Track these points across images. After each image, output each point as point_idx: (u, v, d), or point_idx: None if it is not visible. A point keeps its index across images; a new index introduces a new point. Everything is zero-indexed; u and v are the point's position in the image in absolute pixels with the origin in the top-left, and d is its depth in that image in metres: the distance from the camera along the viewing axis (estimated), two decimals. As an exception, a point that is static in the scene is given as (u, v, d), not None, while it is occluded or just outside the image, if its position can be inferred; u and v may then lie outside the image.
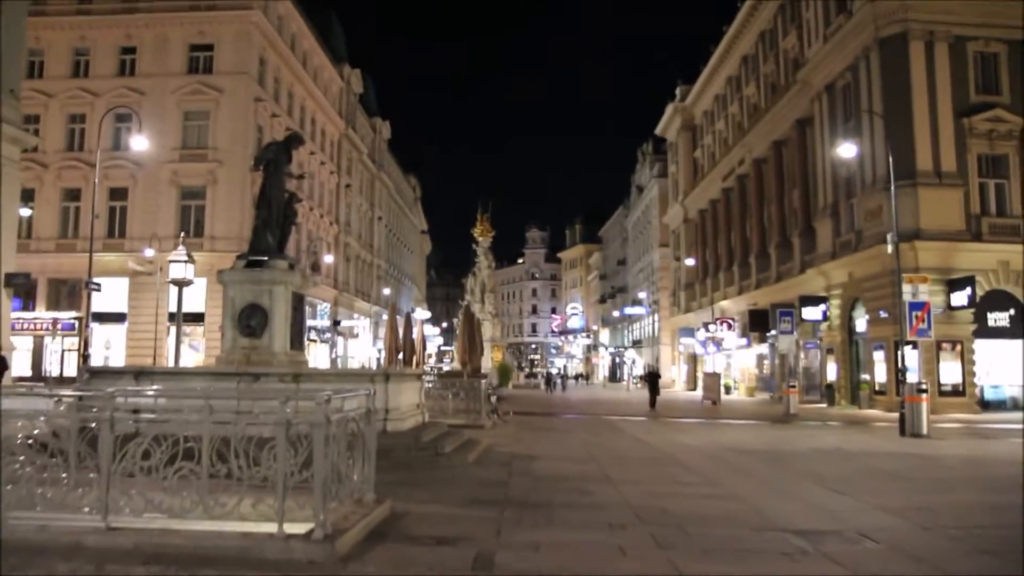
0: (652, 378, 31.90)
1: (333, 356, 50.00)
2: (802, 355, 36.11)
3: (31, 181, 35.66)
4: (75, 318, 30.95)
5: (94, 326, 35.19)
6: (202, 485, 6.41)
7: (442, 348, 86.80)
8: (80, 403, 6.80)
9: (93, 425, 6.52)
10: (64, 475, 6.57)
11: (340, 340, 52.95)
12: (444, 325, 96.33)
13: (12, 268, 21.40)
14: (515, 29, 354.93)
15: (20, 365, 31.37)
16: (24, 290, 25.15)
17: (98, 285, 22.86)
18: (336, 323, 50.95)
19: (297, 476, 6.43)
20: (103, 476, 6.38)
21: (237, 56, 37.57)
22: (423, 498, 9.30)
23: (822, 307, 32.47)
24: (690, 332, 54.39)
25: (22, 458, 6.54)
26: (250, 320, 13.38)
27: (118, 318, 35.43)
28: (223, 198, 35.16)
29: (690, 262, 54.46)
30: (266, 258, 13.79)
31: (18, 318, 32.56)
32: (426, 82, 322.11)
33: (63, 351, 33.47)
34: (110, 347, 34.82)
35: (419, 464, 11.65)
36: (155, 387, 10.78)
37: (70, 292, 33.38)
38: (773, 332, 35.35)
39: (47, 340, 33.96)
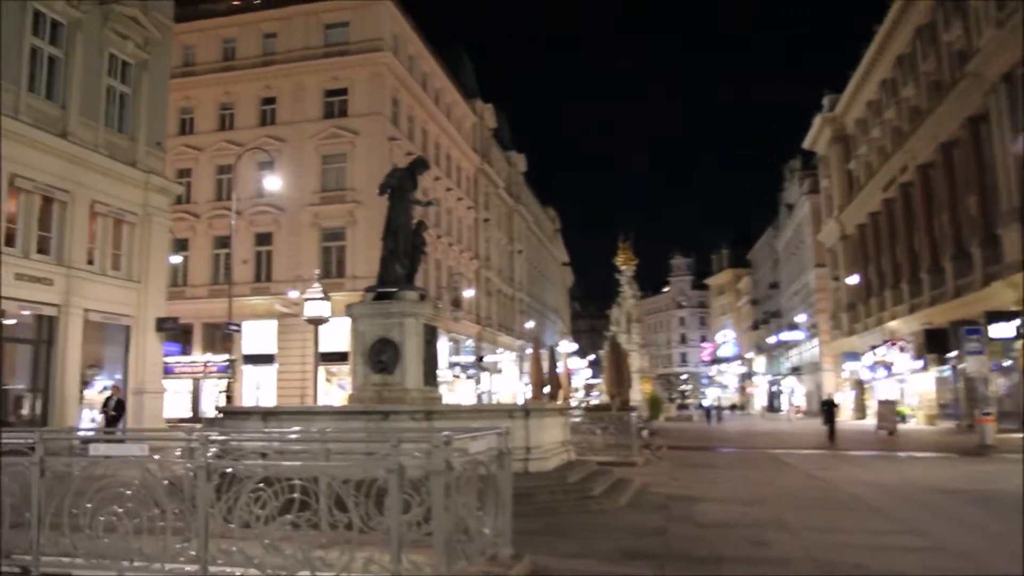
0: (829, 407, 29.05)
1: (478, 392, 49.61)
2: (991, 378, 32.22)
3: (185, 231, 37.50)
4: (228, 360, 31.92)
5: (246, 367, 36.27)
6: (308, 538, 5.54)
7: (589, 382, 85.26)
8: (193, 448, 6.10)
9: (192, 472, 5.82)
10: (180, 523, 5.91)
11: (485, 375, 52.61)
12: (590, 358, 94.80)
13: (163, 313, 22.06)
14: (651, 51, 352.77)
15: (180, 407, 32.56)
16: (175, 335, 26.02)
17: (238, 327, 23.19)
18: (480, 358, 50.64)
19: (420, 529, 5.48)
20: (201, 528, 5.65)
21: (370, 98, 38.25)
22: (569, 551, 8.08)
23: (1015, 323, 28.77)
24: (855, 356, 50.47)
25: (120, 509, 5.89)
26: (381, 355, 12.69)
27: (267, 359, 36.38)
28: (363, 238, 35.51)
29: (853, 280, 50.55)
30: (395, 289, 13.10)
31: (177, 362, 34.01)
32: (561, 114, 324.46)
33: (218, 393, 34.55)
34: (260, 388, 35.72)
35: (565, 509, 10.43)
36: (289, 428, 10.18)
37: (224, 336, 34.56)
38: (953, 353, 31.69)
39: (203, 382, 35.21)
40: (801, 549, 8.26)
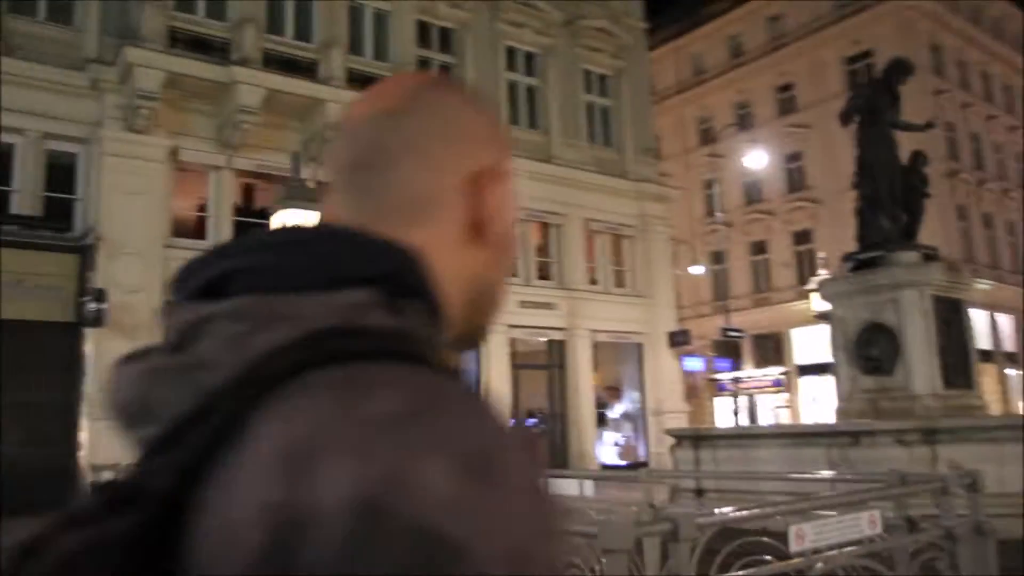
0: None
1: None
2: None
3: (721, 243, 35.93)
4: (782, 373, 29.13)
5: (801, 379, 32.98)
6: None
7: None
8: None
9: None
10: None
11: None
12: None
13: (673, 327, 20.66)
14: None
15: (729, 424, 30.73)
16: (727, 350, 24.10)
17: (741, 333, 20.47)
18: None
19: None
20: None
21: (902, 52, 31.99)
22: None
23: None
24: None
25: None
26: (870, 348, 8.92)
27: (820, 369, 32.37)
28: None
29: None
30: (881, 252, 9.21)
31: (731, 378, 32.66)
32: None
33: (773, 408, 32.01)
34: (816, 401, 31.91)
35: None
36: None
37: (775, 347, 31.91)
38: None
39: (756, 398, 32.84)
40: None
